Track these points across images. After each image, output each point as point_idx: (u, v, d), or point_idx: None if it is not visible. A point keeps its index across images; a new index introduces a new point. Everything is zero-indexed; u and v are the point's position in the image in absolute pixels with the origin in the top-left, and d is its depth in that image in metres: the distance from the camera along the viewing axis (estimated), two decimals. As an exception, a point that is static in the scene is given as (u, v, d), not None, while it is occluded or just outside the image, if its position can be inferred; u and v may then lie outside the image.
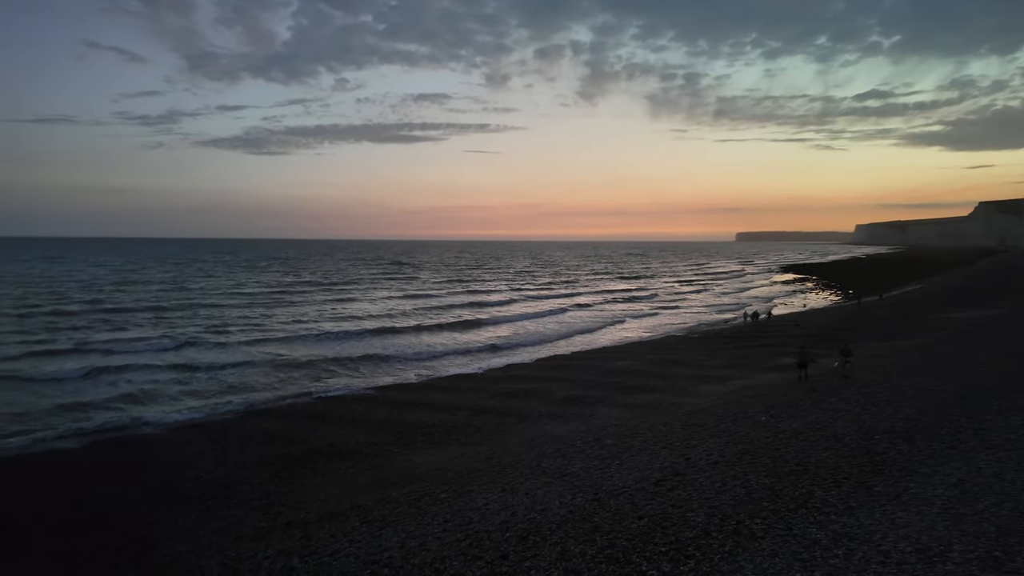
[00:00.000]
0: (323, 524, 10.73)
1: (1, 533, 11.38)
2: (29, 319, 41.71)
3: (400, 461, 14.88)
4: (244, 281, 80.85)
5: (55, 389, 23.43)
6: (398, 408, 20.45)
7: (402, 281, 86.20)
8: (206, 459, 15.49)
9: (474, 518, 9.96)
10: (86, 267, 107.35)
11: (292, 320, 43.34)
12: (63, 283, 72.58)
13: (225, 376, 26.19)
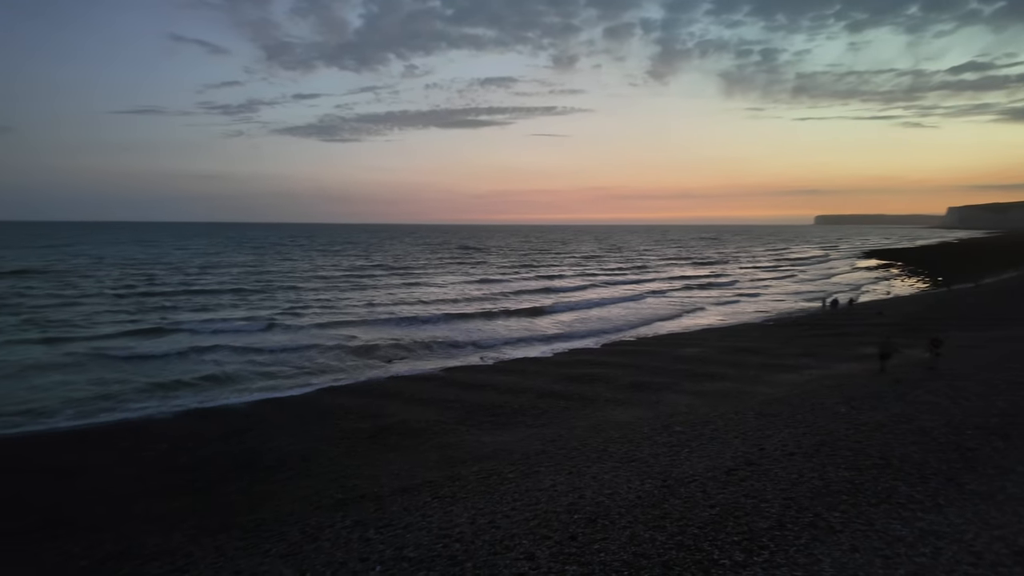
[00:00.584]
0: (396, 498, 11.13)
1: (106, 496, 12.42)
2: (124, 299, 44.91)
3: (468, 440, 15.19)
4: (320, 264, 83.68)
5: (147, 366, 25.22)
6: (465, 389, 20.85)
7: (470, 265, 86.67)
8: (286, 432, 16.33)
9: (542, 499, 10.09)
10: (173, 250, 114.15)
11: (365, 303, 44.78)
12: (153, 265, 77.56)
13: (302, 355, 27.45)
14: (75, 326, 33.23)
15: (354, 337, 31.61)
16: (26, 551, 10.06)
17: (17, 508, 11.71)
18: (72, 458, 14.50)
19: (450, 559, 8.06)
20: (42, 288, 50.36)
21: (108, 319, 36.03)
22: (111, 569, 8.96)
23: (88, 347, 27.79)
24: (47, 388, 21.33)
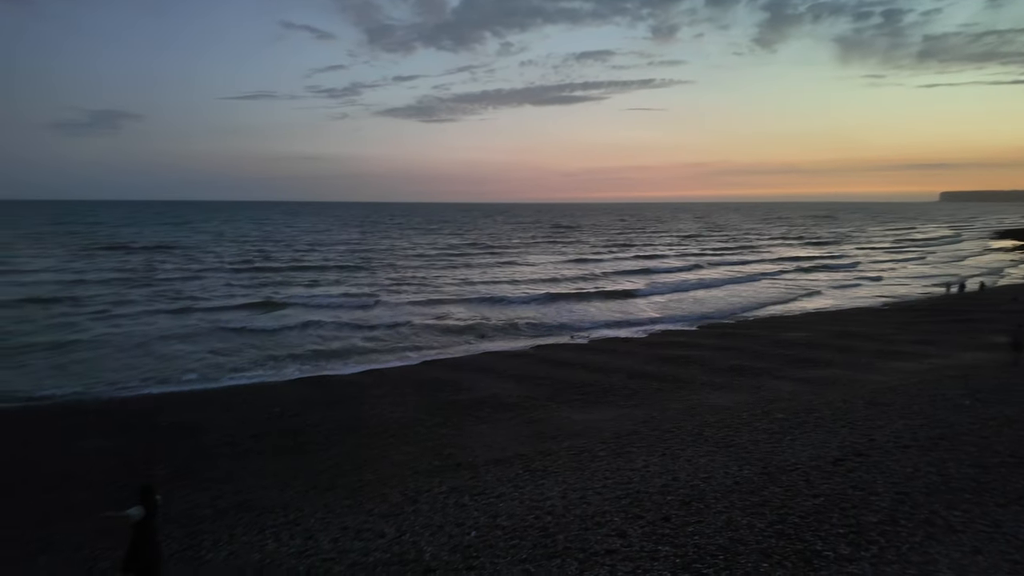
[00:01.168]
0: (489, 468, 11.43)
1: (226, 452, 13.58)
2: (240, 273, 48.57)
3: (558, 417, 15.29)
4: (417, 243, 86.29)
5: (261, 337, 27.24)
6: (555, 366, 20.94)
7: (563, 244, 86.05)
8: (387, 401, 17.13)
9: (634, 478, 10.01)
10: (283, 228, 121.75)
11: (459, 281, 45.88)
12: (265, 242, 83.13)
13: (401, 330, 28.63)
14: (198, 298, 36.36)
15: (449, 314, 32.55)
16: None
17: (151, 460, 13.07)
18: (197, 417, 15.95)
19: (542, 530, 8.19)
20: (172, 262, 55.41)
21: (226, 292, 39.13)
22: (232, 519, 9.82)
23: (209, 318, 30.38)
24: (175, 355, 23.56)
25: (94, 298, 35.22)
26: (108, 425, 15.29)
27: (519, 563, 7.28)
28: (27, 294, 35.61)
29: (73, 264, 52.37)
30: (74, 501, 10.94)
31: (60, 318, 29.87)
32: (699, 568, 6.92)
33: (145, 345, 24.83)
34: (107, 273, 46.56)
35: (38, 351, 23.62)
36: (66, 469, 12.48)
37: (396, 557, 7.69)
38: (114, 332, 27.07)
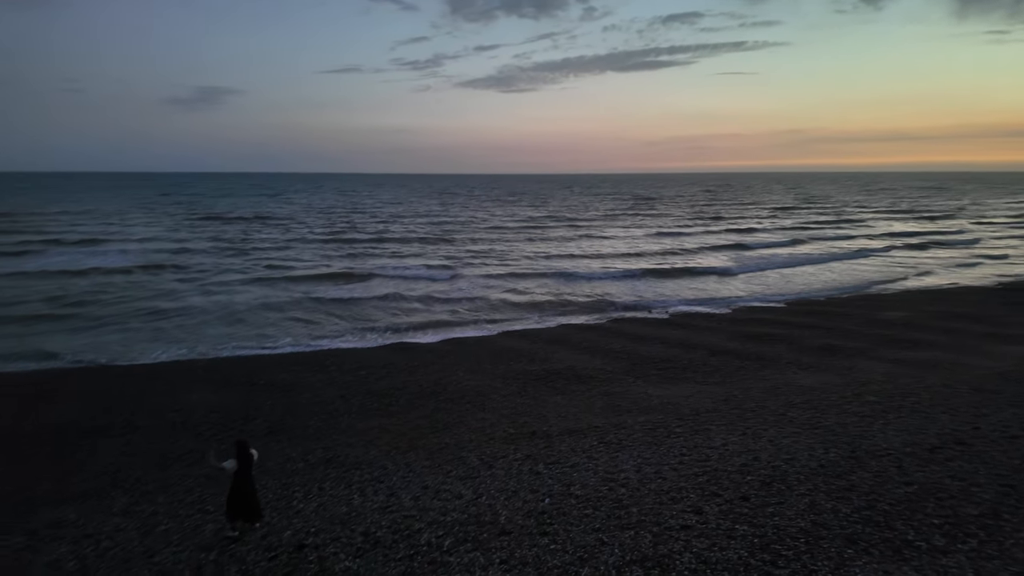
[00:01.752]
0: (564, 438, 11.56)
1: (316, 410, 14.41)
2: (328, 244, 50.72)
3: (634, 391, 15.18)
4: (496, 215, 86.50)
5: (348, 304, 28.49)
6: (632, 340, 20.72)
7: (646, 217, 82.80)
8: (464, 369, 17.57)
9: (712, 456, 9.85)
10: (366, 200, 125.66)
11: (537, 253, 45.82)
12: (351, 214, 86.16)
13: (479, 301, 29.14)
14: (289, 267, 38.38)
15: (525, 287, 32.76)
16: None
17: (248, 415, 14.08)
18: (289, 377, 16.99)
19: (615, 502, 8.24)
20: (265, 232, 58.60)
21: (315, 262, 41.09)
22: (322, 473, 10.46)
23: (299, 287, 32.11)
24: (268, 321, 25.14)
25: (195, 266, 37.92)
26: (211, 382, 16.56)
27: (593, 532, 7.38)
28: (136, 262, 38.82)
29: (177, 234, 56.40)
30: (186, 448, 12.00)
31: (166, 284, 32.43)
32: (778, 549, 6.77)
33: (241, 311, 26.53)
34: (206, 243, 49.88)
35: (148, 314, 25.81)
36: (178, 419, 13.67)
37: (473, 518, 7.97)
38: (213, 298, 29.10)
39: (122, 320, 24.51)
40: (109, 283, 31.87)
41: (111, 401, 14.93)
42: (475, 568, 6.65)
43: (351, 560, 6.97)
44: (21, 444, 12.33)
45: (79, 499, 9.55)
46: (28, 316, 24.95)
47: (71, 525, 8.47)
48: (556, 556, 6.84)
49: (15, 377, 17.30)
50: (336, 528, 7.91)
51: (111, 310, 26.01)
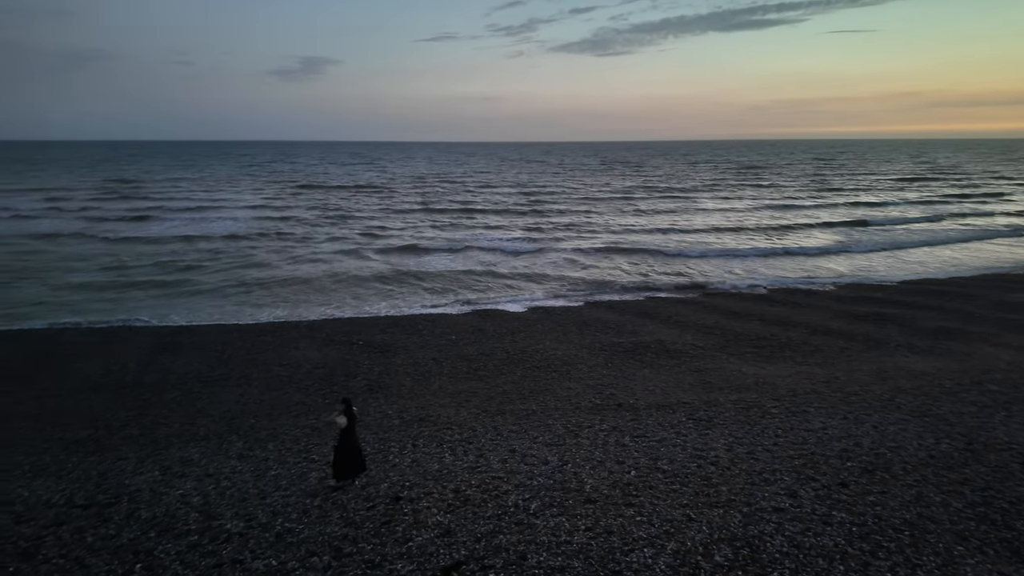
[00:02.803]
0: (651, 412, 11.46)
1: (411, 371, 15.03)
2: (418, 214, 52.05)
3: (727, 368, 14.74)
4: (587, 184, 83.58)
5: (438, 273, 29.30)
6: (727, 316, 20.04)
7: (752, 187, 76.42)
8: (551, 338, 17.70)
9: (809, 439, 9.46)
10: (456, 168, 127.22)
11: (630, 226, 44.84)
12: (441, 184, 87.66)
13: (567, 271, 29.13)
14: (384, 236, 39.84)
15: (615, 259, 32.31)
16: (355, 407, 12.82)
17: (348, 372, 14.92)
18: (386, 339, 17.79)
19: (704, 479, 8.13)
20: (363, 202, 60.90)
21: (407, 231, 42.41)
22: (415, 431, 10.96)
23: (394, 255, 33.35)
24: (364, 285, 26.39)
25: (296, 234, 40.11)
26: (314, 341, 17.64)
27: (680, 507, 7.33)
28: (242, 229, 41.59)
29: (279, 201, 59.63)
30: (292, 400, 12.93)
31: (270, 250, 34.62)
32: (879, 540, 6.46)
33: (339, 276, 27.93)
34: (305, 211, 52.50)
35: (254, 278, 27.73)
36: (284, 374, 14.72)
37: (558, 484, 8.12)
38: (313, 264, 30.81)
39: (231, 283, 26.47)
40: (218, 248, 34.41)
41: (226, 355, 16.27)
42: (560, 532, 6.80)
43: (443, 515, 7.32)
44: (150, 390, 13.74)
45: (202, 441, 10.56)
46: (146, 278, 27.49)
47: (195, 464, 9.40)
48: (642, 528, 6.87)
49: (140, 331, 19.18)
50: (429, 483, 8.31)
51: (220, 275, 28.12)
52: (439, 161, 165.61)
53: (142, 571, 6.22)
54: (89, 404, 12.80)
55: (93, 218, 45.23)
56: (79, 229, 39.59)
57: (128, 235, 37.86)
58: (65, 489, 8.41)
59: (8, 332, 18.75)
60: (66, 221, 43.64)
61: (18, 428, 11.36)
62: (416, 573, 6.11)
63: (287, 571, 6.18)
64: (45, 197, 59.39)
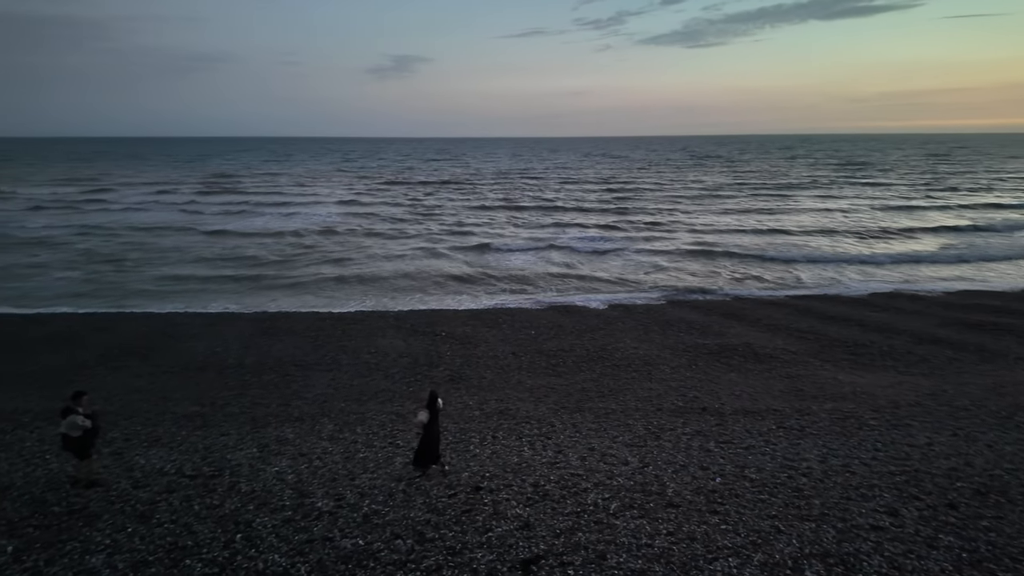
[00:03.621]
0: (737, 418, 11.06)
1: (491, 364, 15.22)
2: (499, 211, 52.50)
3: (822, 375, 13.99)
4: (676, 181, 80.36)
5: (516, 268, 29.47)
6: (822, 320, 19.00)
7: (856, 185, 69.29)
8: (632, 337, 17.41)
9: (913, 455, 8.83)
10: (539, 164, 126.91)
11: (719, 225, 42.91)
12: (523, 180, 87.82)
13: (649, 269, 28.59)
14: (467, 232, 40.63)
15: (702, 257, 31.30)
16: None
17: (432, 362, 15.29)
18: (468, 331, 18.10)
19: (795, 491, 7.76)
20: (452, 198, 62.12)
21: (489, 227, 42.99)
22: (495, 423, 11.11)
23: (476, 250, 34.02)
24: (446, 279, 27.04)
25: (383, 229, 41.50)
26: (400, 330, 18.22)
27: (768, 518, 7.04)
28: (333, 223, 43.59)
29: (368, 197, 61.75)
30: (379, 387, 13.42)
31: (359, 243, 36.09)
32: (993, 569, 5.95)
33: (424, 269, 28.71)
34: (391, 207, 54.14)
35: (345, 269, 29.03)
36: (372, 361, 15.29)
37: (639, 486, 7.99)
38: (399, 257, 31.82)
39: (321, 273, 27.81)
40: (309, 241, 36.21)
41: (319, 341, 17.09)
42: (641, 535, 6.70)
43: (522, 508, 7.38)
44: (250, 372, 14.64)
45: (296, 422, 11.16)
46: (243, 268, 29.34)
47: (290, 443, 9.95)
48: (727, 536, 6.65)
49: (239, 317, 20.48)
50: (508, 476, 8.40)
51: (312, 266, 29.61)
52: (524, 157, 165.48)
53: (242, 541, 6.66)
54: (196, 382, 13.82)
55: (194, 211, 48.54)
56: (183, 222, 42.56)
57: (225, 228, 40.43)
58: (175, 459, 9.12)
59: (129, 314, 20.55)
60: (170, 214, 47.25)
61: (137, 401, 12.42)
62: (495, 564, 6.19)
63: (373, 552, 6.43)
64: (154, 190, 64.49)
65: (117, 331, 18.05)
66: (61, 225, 40.52)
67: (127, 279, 26.05)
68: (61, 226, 40.06)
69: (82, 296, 23.16)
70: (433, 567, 6.15)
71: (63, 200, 54.78)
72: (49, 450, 9.36)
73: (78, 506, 7.39)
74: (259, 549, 6.49)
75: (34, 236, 36.33)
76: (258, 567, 6.16)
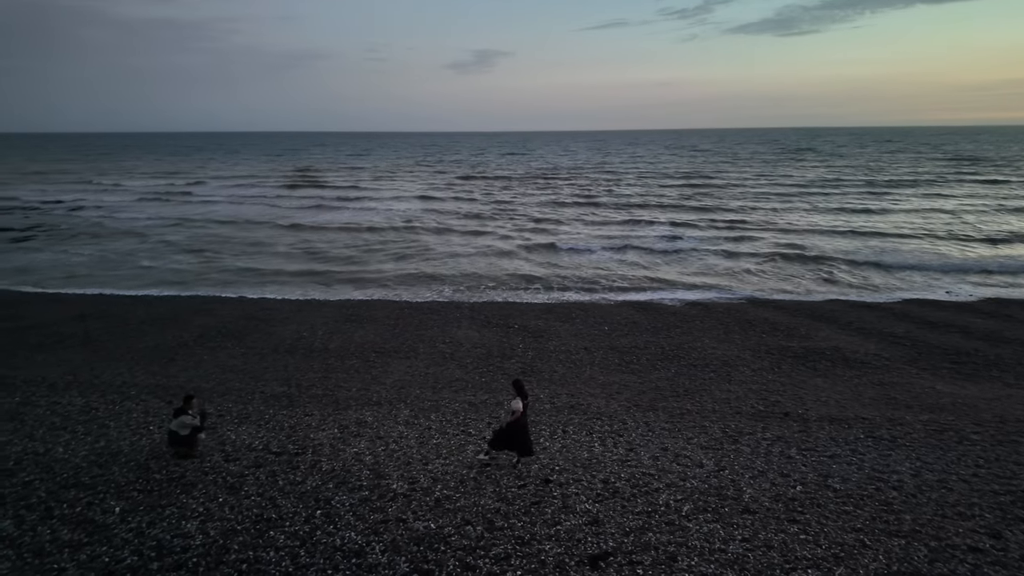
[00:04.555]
0: (823, 425, 10.53)
1: (563, 358, 15.19)
2: (575, 208, 52.07)
3: (918, 384, 13.08)
4: (767, 175, 75.25)
5: (581, 263, 29.19)
6: (921, 325, 17.74)
7: (969, 183, 61.08)
8: (711, 336, 16.91)
9: (1020, 474, 8.15)
10: (619, 157, 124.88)
11: (814, 225, 39.87)
12: (601, 174, 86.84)
13: (728, 266, 27.57)
14: (543, 229, 40.64)
15: (789, 256, 29.81)
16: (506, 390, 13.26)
17: (504, 354, 15.43)
18: (540, 324, 18.15)
19: (884, 504, 7.32)
20: (527, 192, 62.37)
21: (563, 221, 42.85)
22: (566, 417, 11.10)
23: (548, 247, 34.05)
24: (517, 271, 27.24)
25: (452, 224, 42.14)
26: (475, 321, 18.51)
27: (852, 531, 6.67)
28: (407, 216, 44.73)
29: (444, 191, 62.89)
30: (453, 376, 13.71)
31: (431, 237, 36.86)
32: (1114, 607, 5.38)
33: (498, 262, 29.02)
34: (464, 204, 54.82)
35: (421, 261, 29.77)
36: (447, 351, 15.63)
37: (714, 490, 7.77)
38: (473, 251, 32.30)
39: (399, 265, 28.66)
40: (386, 234, 37.38)
41: (398, 329, 17.64)
42: (714, 539, 6.51)
43: (591, 503, 7.35)
44: (333, 356, 15.31)
45: (375, 406, 11.58)
46: (325, 258, 30.63)
47: (369, 426, 10.34)
48: (806, 547, 6.36)
49: (325, 304, 21.41)
50: (578, 470, 8.38)
51: (390, 258, 30.59)
52: (602, 151, 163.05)
53: (322, 517, 6.99)
54: (284, 364, 14.60)
55: (280, 205, 50.81)
56: (270, 216, 44.70)
57: (308, 222, 42.27)
58: (263, 436, 9.69)
59: (225, 298, 21.95)
60: (257, 207, 49.92)
61: (230, 380, 13.27)
62: (563, 556, 6.20)
63: (444, 536, 6.60)
64: (245, 183, 68.22)
65: (215, 314, 19.32)
66: (161, 216, 43.76)
67: (221, 266, 27.86)
68: (161, 216, 43.27)
69: (182, 282, 24.97)
70: (502, 555, 6.24)
71: (163, 192, 59.11)
72: (152, 421, 10.16)
73: (176, 474, 7.98)
74: (336, 526, 6.79)
75: (138, 225, 39.46)
76: (335, 543, 6.45)
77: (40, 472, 7.93)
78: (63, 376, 13.02)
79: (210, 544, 6.37)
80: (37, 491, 7.43)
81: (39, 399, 11.30)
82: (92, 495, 7.36)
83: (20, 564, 6.05)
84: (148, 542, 6.40)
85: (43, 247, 32.28)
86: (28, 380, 12.59)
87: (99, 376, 13.19)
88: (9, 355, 15.02)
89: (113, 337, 16.79)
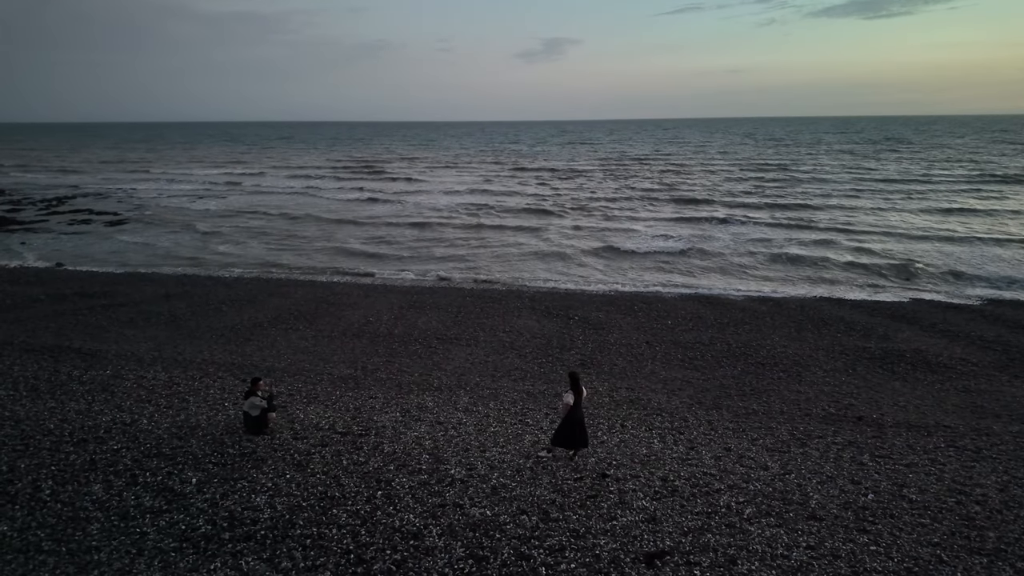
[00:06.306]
0: (899, 431, 9.98)
1: (624, 351, 14.99)
2: (629, 198, 51.00)
3: (1008, 392, 12.18)
4: (849, 166, 69.45)
5: (651, 254, 28.65)
6: (1013, 329, 16.50)
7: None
8: (781, 334, 16.28)
9: None
10: (689, 147, 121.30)
11: (897, 225, 37.58)
12: (670, 161, 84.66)
13: (801, 262, 26.38)
14: (605, 219, 40.02)
15: (873, 256, 28.19)
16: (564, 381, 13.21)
17: (564, 345, 15.38)
18: (601, 316, 17.97)
19: (965, 519, 6.88)
20: (590, 181, 61.69)
21: (631, 211, 42.05)
22: (624, 412, 10.97)
23: (609, 237, 33.50)
24: (581, 262, 27.16)
25: (513, 217, 42.10)
26: (535, 311, 18.53)
27: (929, 545, 6.31)
28: (465, 204, 44.88)
29: (501, 183, 62.88)
30: (512, 365, 13.80)
31: (490, 226, 37.02)
32: None
33: (558, 253, 28.84)
34: (525, 198, 54.61)
35: (487, 251, 29.93)
36: (507, 340, 15.73)
37: (778, 493, 7.50)
38: (535, 241, 32.25)
39: (461, 254, 29.00)
40: (443, 225, 37.88)
41: (460, 317, 17.88)
42: (776, 545, 6.30)
43: (648, 500, 7.25)
44: (398, 341, 15.69)
45: (436, 391, 11.81)
46: (388, 246, 31.29)
47: (429, 411, 10.56)
48: (876, 559, 6.06)
49: (391, 289, 21.95)
50: (636, 466, 8.27)
51: (451, 247, 31.06)
52: (672, 139, 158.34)
53: (383, 498, 7.20)
54: (351, 347, 15.09)
55: (337, 198, 51.88)
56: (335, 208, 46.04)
57: (366, 212, 43.32)
58: (330, 416, 10.05)
59: (297, 281, 22.86)
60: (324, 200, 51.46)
61: (301, 361, 13.83)
62: (619, 552, 6.15)
63: (500, 523, 6.67)
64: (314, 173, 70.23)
65: (288, 296, 20.16)
66: (230, 204, 45.92)
67: (295, 250, 29.00)
68: (230, 205, 45.41)
69: (258, 264, 26.15)
70: (556, 547, 6.25)
71: (233, 181, 61.86)
72: (228, 398, 10.72)
73: (248, 450, 8.40)
74: (396, 507, 6.98)
75: (209, 211, 41.67)
76: (394, 524, 6.63)
77: (127, 441, 8.52)
78: (149, 352, 13.92)
79: (277, 518, 6.68)
80: (124, 459, 7.98)
81: (128, 372, 12.12)
82: (172, 465, 7.84)
83: (108, 526, 6.54)
84: (221, 512, 6.77)
85: (134, 231, 34.56)
86: (119, 354, 13.52)
87: (181, 353, 14.02)
88: (103, 331, 16.18)
89: (195, 316, 17.79)
